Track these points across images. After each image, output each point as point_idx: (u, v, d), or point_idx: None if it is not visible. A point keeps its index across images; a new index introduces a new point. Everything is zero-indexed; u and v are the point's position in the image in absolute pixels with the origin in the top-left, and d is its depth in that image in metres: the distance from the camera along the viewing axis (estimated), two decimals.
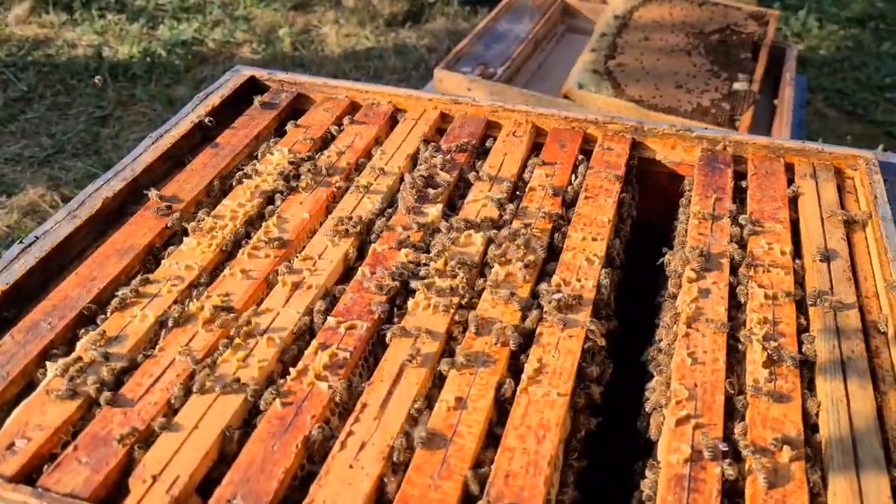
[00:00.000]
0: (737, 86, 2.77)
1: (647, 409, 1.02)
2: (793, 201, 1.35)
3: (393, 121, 1.55)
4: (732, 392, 1.00)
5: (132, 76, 4.74)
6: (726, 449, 0.92)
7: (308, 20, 5.49)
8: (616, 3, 3.26)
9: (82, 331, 1.08)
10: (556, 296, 1.11)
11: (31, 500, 0.84)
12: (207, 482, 0.92)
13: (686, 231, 1.28)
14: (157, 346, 1.06)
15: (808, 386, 1.02)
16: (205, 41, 5.14)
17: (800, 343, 1.07)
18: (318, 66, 4.84)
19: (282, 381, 1.01)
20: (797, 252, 1.25)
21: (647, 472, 0.93)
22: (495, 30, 3.07)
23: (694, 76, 2.87)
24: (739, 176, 1.42)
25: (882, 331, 1.10)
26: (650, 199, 1.48)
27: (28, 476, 0.90)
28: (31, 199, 3.82)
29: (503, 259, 1.19)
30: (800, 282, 1.18)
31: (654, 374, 1.07)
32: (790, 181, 1.40)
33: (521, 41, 3.00)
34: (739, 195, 1.38)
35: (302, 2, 5.67)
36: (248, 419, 0.99)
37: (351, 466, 0.91)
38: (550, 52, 3.18)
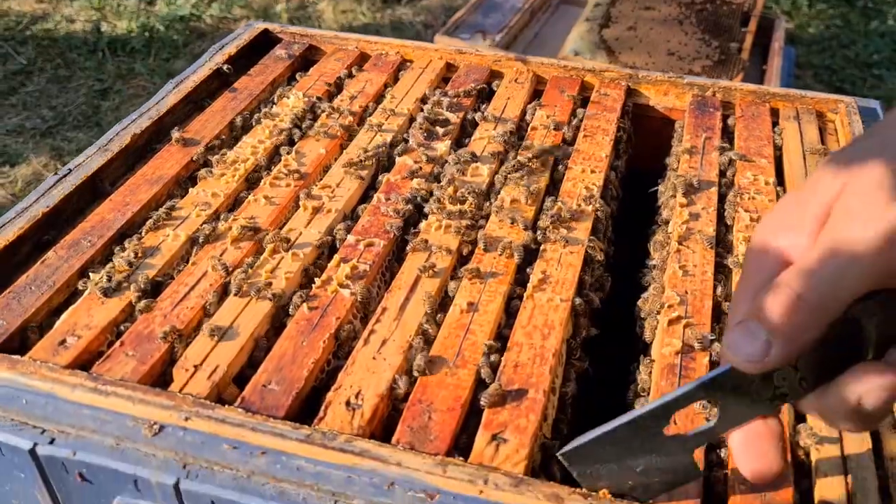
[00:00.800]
0: (733, 44, 2.86)
1: (642, 316, 1.12)
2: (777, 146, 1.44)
3: (401, 70, 1.64)
4: (720, 299, 1.10)
5: (131, 50, 4.79)
6: (714, 338, 1.02)
7: None
8: None
9: (118, 248, 1.16)
10: (556, 213, 1.20)
11: (87, 382, 0.93)
12: (242, 378, 1.01)
13: (677, 164, 1.37)
14: (190, 261, 1.15)
15: None
16: (202, 17, 5.19)
17: None
18: None
19: (307, 289, 1.10)
20: (780, 183, 1.34)
21: (642, 368, 1.03)
22: (492, 0, 3.15)
23: (685, 44, 2.96)
24: (728, 120, 1.52)
25: None
26: (644, 142, 1.57)
27: (81, 368, 0.98)
28: (34, 169, 3.88)
29: (508, 187, 1.28)
30: None
31: (649, 286, 1.16)
32: (775, 124, 1.49)
33: (518, 11, 3.08)
34: (727, 135, 1.47)
35: None
36: (277, 323, 1.08)
37: (374, 358, 1.00)
38: (546, 23, 3.27)
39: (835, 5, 5.68)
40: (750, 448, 0.75)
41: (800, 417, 0.95)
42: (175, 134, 1.38)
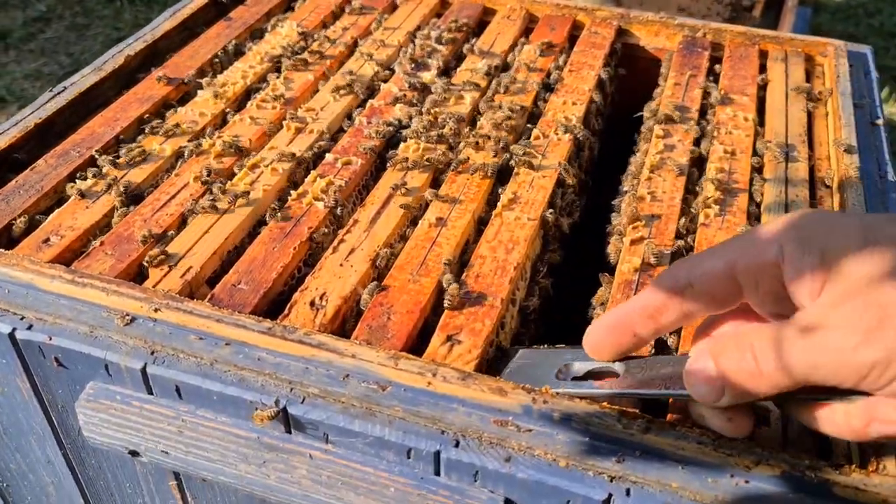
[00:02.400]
0: (745, 2, 2.84)
1: (607, 239, 1.14)
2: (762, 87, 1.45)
3: (395, 5, 1.65)
4: (684, 223, 1.12)
5: (149, 0, 4.82)
6: (671, 255, 1.05)
7: None
8: None
9: (105, 157, 1.20)
10: (533, 141, 1.22)
11: (65, 274, 0.97)
12: (216, 281, 1.05)
13: (660, 99, 1.38)
14: (174, 173, 1.19)
15: (756, 220, 1.14)
16: None
17: (750, 187, 1.19)
18: None
19: (283, 201, 1.14)
20: (761, 122, 1.35)
21: (603, 282, 1.06)
22: None
23: (697, 1, 2.94)
24: (718, 62, 1.52)
25: (828, 185, 1.21)
26: (635, 82, 1.58)
27: (63, 264, 1.03)
28: None
29: (489, 115, 1.31)
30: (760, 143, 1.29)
31: (617, 211, 1.19)
32: (763, 67, 1.49)
33: None
34: (714, 75, 1.48)
35: None
36: (253, 231, 1.12)
37: (341, 265, 1.04)
38: None
39: None
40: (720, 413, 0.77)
41: None
42: (158, 73, 1.39)
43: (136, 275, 1.04)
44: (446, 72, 1.46)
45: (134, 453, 0.93)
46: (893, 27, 4.95)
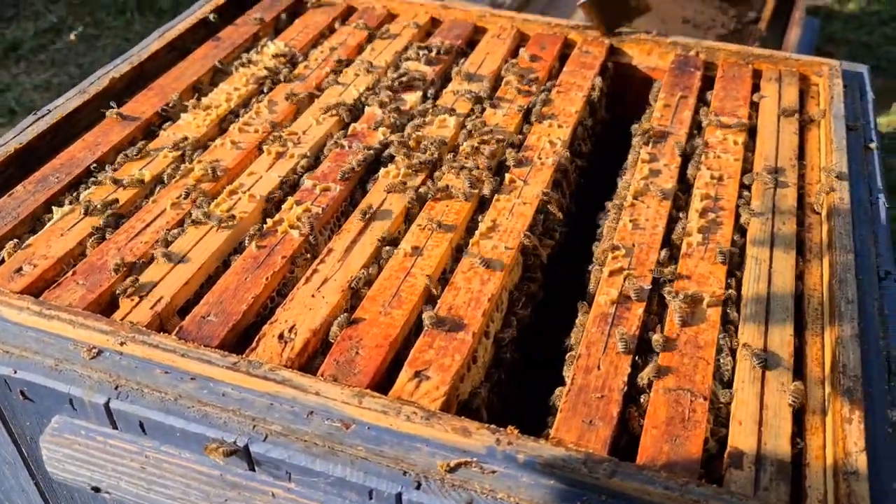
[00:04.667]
0: (751, 14, 2.80)
1: (588, 268, 1.12)
2: (755, 105, 1.42)
3: (385, 24, 1.64)
4: (665, 253, 1.10)
5: (159, 10, 4.84)
6: (650, 288, 1.02)
7: None
8: None
9: (84, 185, 1.20)
10: (516, 166, 1.20)
11: (33, 306, 0.97)
12: (188, 311, 1.04)
13: (648, 122, 1.36)
14: (151, 199, 1.18)
15: (740, 251, 1.11)
16: None
17: (736, 215, 1.16)
18: None
19: (259, 229, 1.12)
20: (752, 144, 1.32)
21: (580, 314, 1.04)
22: None
23: (701, 13, 2.91)
24: (711, 80, 1.49)
25: (817, 211, 1.19)
26: (625, 103, 1.56)
27: (33, 295, 1.02)
28: None
29: (472, 140, 1.29)
30: (748, 169, 1.26)
31: (599, 238, 1.16)
32: (757, 86, 1.47)
33: None
34: (707, 95, 1.45)
35: None
36: (227, 260, 1.11)
37: (313, 296, 1.02)
38: None
39: None
40: None
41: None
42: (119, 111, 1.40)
43: (108, 304, 1.03)
44: (432, 94, 1.44)
45: (96, 489, 0.92)
46: None
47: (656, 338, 0.95)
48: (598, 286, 1.05)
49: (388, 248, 1.09)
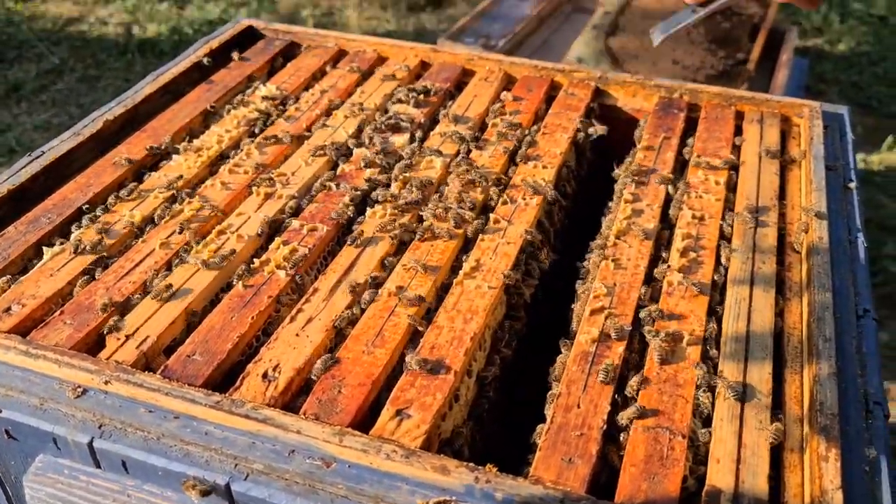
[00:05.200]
0: (739, 55, 2.85)
1: (571, 306, 1.14)
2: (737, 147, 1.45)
3: (375, 67, 1.67)
4: (647, 292, 1.11)
5: (160, 52, 4.92)
6: (631, 330, 1.03)
7: (331, 3, 5.65)
8: None
9: (75, 225, 1.22)
10: (501, 206, 1.22)
11: (19, 346, 0.98)
12: (174, 350, 1.05)
13: (632, 163, 1.39)
14: (141, 239, 1.20)
15: (720, 289, 1.13)
16: (230, 21, 5.30)
17: (717, 254, 1.18)
18: None
19: (246, 268, 1.14)
20: (733, 185, 1.35)
21: (563, 351, 1.05)
22: (500, 7, 3.18)
23: (691, 54, 2.96)
24: (694, 122, 1.52)
25: (797, 250, 1.20)
26: (611, 143, 1.58)
27: (21, 334, 1.03)
28: None
29: (458, 181, 1.31)
30: (730, 208, 1.29)
31: (583, 277, 1.18)
32: (739, 128, 1.49)
33: (525, 18, 3.11)
34: (690, 136, 1.48)
35: None
36: (215, 298, 1.12)
37: (297, 335, 1.03)
38: (556, 30, 3.29)
39: (867, 22, 5.59)
40: None
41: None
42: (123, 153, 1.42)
43: (95, 344, 1.04)
44: (420, 136, 1.47)
45: None
46: None
47: (633, 381, 0.96)
48: (580, 325, 1.06)
49: (371, 289, 1.11)
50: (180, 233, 1.18)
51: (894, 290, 3.55)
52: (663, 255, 1.19)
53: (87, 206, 1.26)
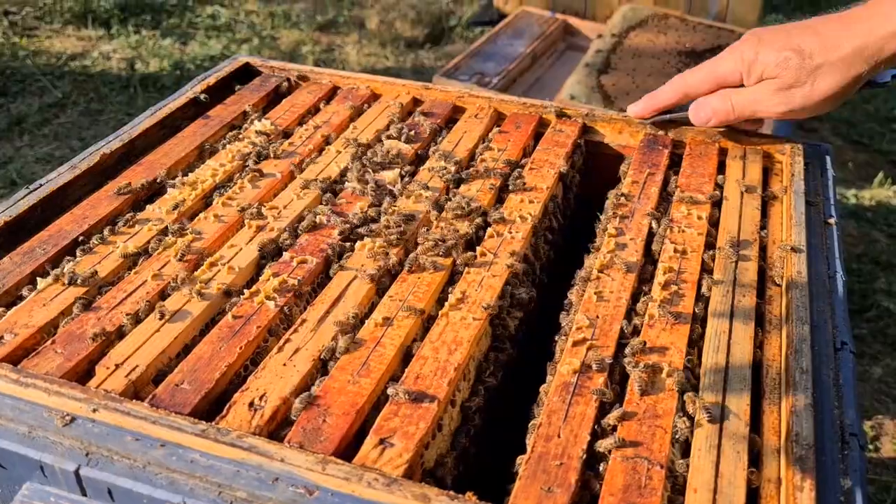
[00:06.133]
0: None
1: (554, 338, 1.16)
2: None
3: (369, 103, 1.71)
4: (629, 324, 1.13)
5: (161, 87, 5.00)
6: (611, 362, 1.05)
7: (332, 40, 5.74)
8: (613, 22, 3.42)
9: (69, 257, 1.24)
10: (487, 239, 1.25)
11: (10, 374, 1.00)
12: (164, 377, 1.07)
13: (617, 198, 1.41)
14: (134, 270, 1.22)
15: (701, 322, 1.15)
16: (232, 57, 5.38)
17: (698, 287, 1.20)
18: None
19: (235, 299, 1.16)
20: (716, 220, 1.37)
21: (542, 387, 1.07)
22: (495, 45, 3.25)
23: None
24: (679, 158, 1.56)
25: (778, 283, 1.23)
26: (597, 179, 1.62)
27: (13, 363, 1.05)
28: None
29: (446, 215, 1.34)
30: (711, 243, 1.31)
31: (567, 310, 1.20)
32: (722, 164, 1.53)
33: (519, 56, 3.17)
34: (674, 172, 1.51)
35: (327, 23, 5.93)
36: (205, 329, 1.14)
37: (284, 365, 1.05)
38: (549, 67, 3.35)
39: None
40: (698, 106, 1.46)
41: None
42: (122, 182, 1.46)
43: (86, 373, 1.06)
44: (410, 171, 1.50)
45: None
46: (889, 112, 5.03)
47: (613, 414, 0.98)
48: (562, 356, 1.08)
49: (356, 321, 1.13)
50: (168, 268, 1.20)
51: (887, 325, 3.56)
52: (645, 288, 1.21)
53: (82, 237, 1.28)
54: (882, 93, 5.23)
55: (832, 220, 1.36)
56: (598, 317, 1.14)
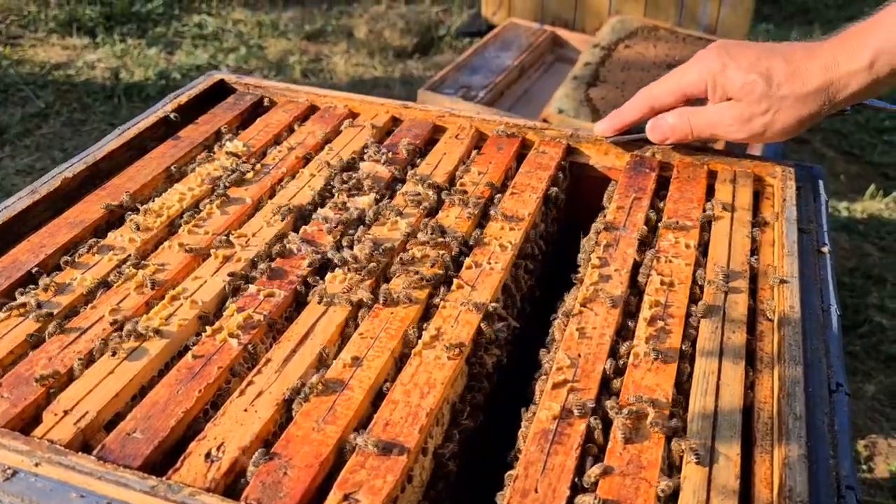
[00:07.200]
0: None
1: (534, 377, 1.09)
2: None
3: (345, 123, 1.65)
4: (609, 374, 1.07)
5: (146, 97, 4.93)
6: (594, 406, 0.99)
7: (319, 49, 5.68)
8: (602, 34, 3.37)
9: (21, 290, 1.17)
10: (465, 271, 1.19)
11: None
12: (118, 421, 1.00)
13: (601, 225, 1.36)
14: (90, 305, 1.15)
15: (689, 361, 1.09)
16: (219, 66, 5.33)
17: (686, 322, 1.14)
18: None
19: (196, 337, 1.10)
20: (705, 248, 1.32)
21: (523, 425, 1.00)
22: (482, 57, 3.19)
23: None
24: (667, 181, 1.50)
25: (769, 318, 1.17)
26: (582, 202, 1.56)
27: None
28: None
29: (422, 244, 1.28)
30: (700, 274, 1.25)
31: (547, 346, 1.14)
32: (711, 187, 1.47)
33: (507, 68, 3.12)
34: (661, 197, 1.45)
35: (315, 32, 5.87)
36: (164, 369, 1.07)
37: (246, 410, 0.99)
38: (537, 80, 3.30)
39: None
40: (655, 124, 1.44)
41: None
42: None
43: (32, 419, 0.99)
44: (386, 195, 1.44)
45: None
46: (880, 123, 4.99)
47: (595, 469, 0.92)
48: (541, 400, 1.02)
49: (324, 362, 1.07)
50: (126, 303, 1.14)
51: (879, 341, 3.51)
52: (630, 323, 1.15)
53: (37, 269, 1.22)
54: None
55: (825, 249, 1.30)
56: (579, 356, 1.08)
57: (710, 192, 1.45)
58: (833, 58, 1.21)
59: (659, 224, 1.35)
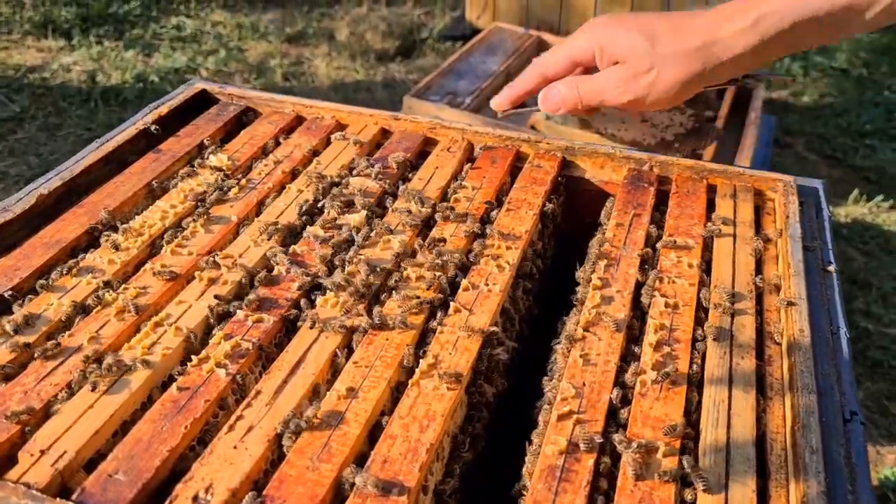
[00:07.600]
0: (708, 113, 2.83)
1: (537, 406, 1.05)
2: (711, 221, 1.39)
3: (333, 135, 1.60)
4: (616, 403, 1.02)
5: (123, 101, 4.83)
6: (602, 441, 0.95)
7: (301, 52, 5.61)
8: None
9: None
10: (462, 293, 1.14)
11: None
12: (99, 460, 0.94)
13: (600, 243, 1.31)
14: (68, 333, 1.09)
15: (697, 389, 1.05)
16: (198, 69, 5.25)
17: (693, 348, 1.10)
18: (307, 97, 4.94)
19: (182, 367, 1.04)
20: (707, 267, 1.28)
21: (528, 459, 0.96)
22: (468, 63, 3.15)
23: (660, 112, 2.93)
24: (665, 195, 1.46)
25: (777, 342, 1.13)
26: (578, 216, 1.52)
27: None
28: None
29: (416, 264, 1.23)
30: (705, 294, 1.21)
31: (549, 374, 1.09)
32: (712, 202, 1.43)
33: (492, 73, 3.07)
34: (661, 212, 1.41)
35: (296, 35, 5.79)
36: (147, 402, 1.02)
37: (235, 447, 0.93)
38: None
39: (830, 74, 5.68)
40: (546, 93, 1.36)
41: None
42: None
43: (7, 459, 0.93)
44: (377, 213, 1.39)
45: None
46: (861, 127, 5.01)
47: None
48: (546, 433, 0.97)
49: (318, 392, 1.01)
50: (121, 320, 1.08)
51: (866, 346, 3.51)
52: (635, 349, 1.11)
53: (10, 293, 1.15)
54: (855, 107, 5.23)
55: (832, 268, 1.27)
56: (584, 384, 1.04)
57: (710, 207, 1.41)
58: (717, 17, 1.20)
59: (659, 242, 1.31)
